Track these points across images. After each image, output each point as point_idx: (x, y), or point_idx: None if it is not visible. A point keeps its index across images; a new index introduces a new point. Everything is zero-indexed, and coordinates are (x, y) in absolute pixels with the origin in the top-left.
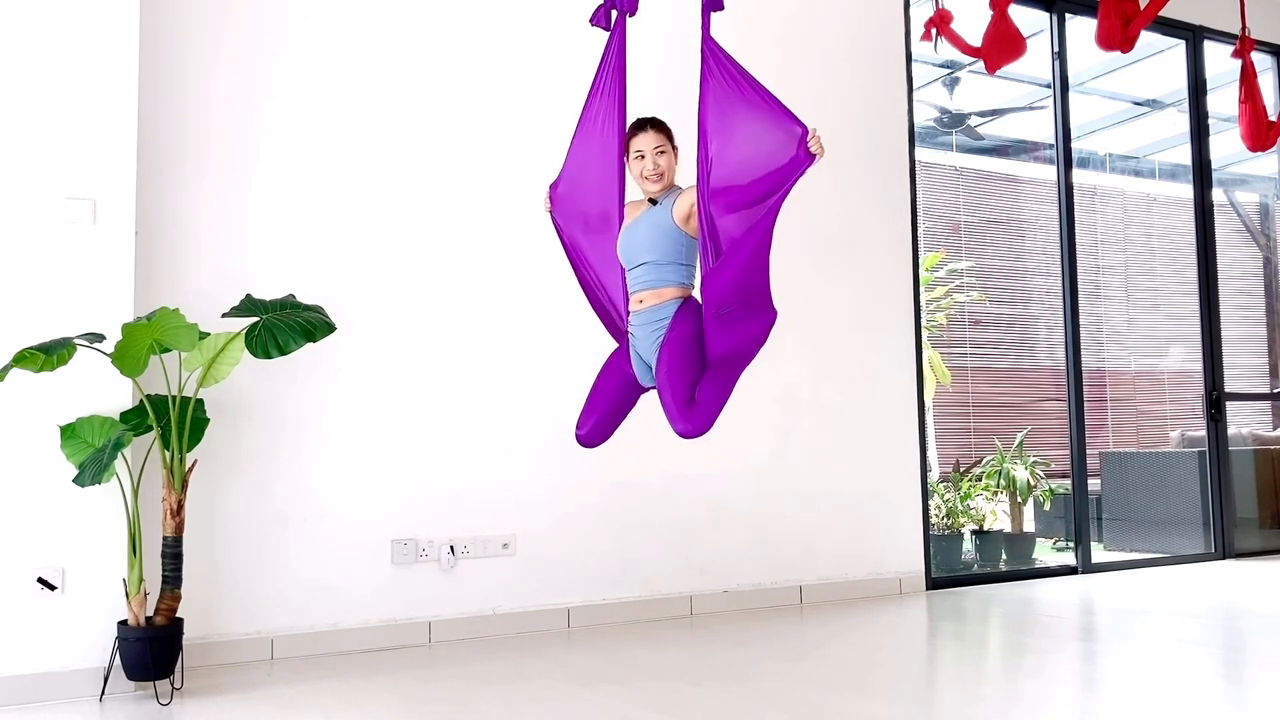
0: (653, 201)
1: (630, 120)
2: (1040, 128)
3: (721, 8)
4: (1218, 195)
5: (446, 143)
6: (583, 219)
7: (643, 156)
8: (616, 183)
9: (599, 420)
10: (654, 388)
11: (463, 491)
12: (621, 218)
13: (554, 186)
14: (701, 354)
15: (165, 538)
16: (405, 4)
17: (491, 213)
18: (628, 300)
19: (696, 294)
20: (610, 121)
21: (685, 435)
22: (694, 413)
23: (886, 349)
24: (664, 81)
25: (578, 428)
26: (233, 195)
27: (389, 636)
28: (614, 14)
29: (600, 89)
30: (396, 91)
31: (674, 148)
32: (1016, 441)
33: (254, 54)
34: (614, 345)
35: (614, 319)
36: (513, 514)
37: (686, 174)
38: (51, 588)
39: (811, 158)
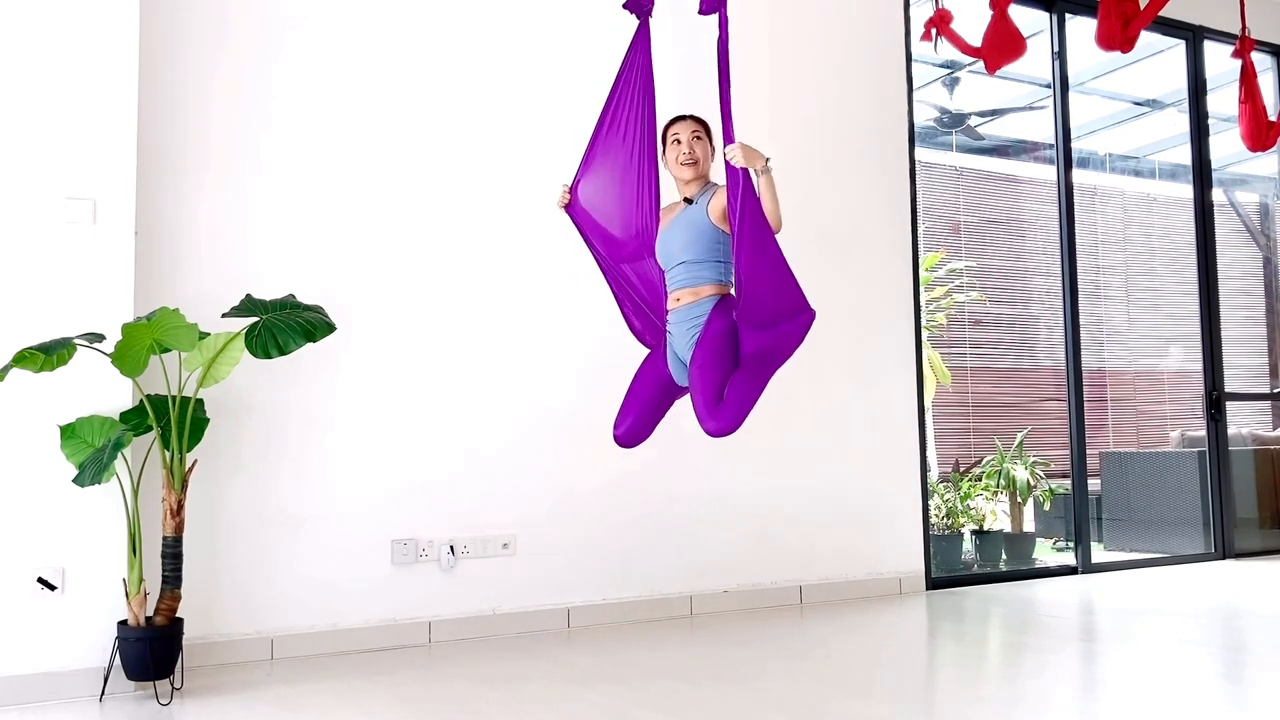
0: (688, 201)
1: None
2: (1040, 128)
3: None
4: (1218, 195)
5: (447, 142)
6: (611, 220)
7: (679, 141)
8: (650, 188)
9: (635, 421)
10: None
11: (463, 491)
12: (657, 221)
13: (575, 185)
14: (735, 352)
15: (165, 538)
16: (404, 4)
17: (491, 213)
18: (666, 300)
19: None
20: (639, 127)
21: (713, 434)
22: (722, 411)
23: (886, 349)
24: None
25: (614, 427)
26: (233, 195)
27: (389, 636)
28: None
29: (624, 91)
30: (397, 91)
31: (711, 144)
32: (1016, 441)
33: (254, 53)
34: (620, 341)
35: (650, 320)
36: (513, 514)
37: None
38: (51, 588)
39: (728, 163)
